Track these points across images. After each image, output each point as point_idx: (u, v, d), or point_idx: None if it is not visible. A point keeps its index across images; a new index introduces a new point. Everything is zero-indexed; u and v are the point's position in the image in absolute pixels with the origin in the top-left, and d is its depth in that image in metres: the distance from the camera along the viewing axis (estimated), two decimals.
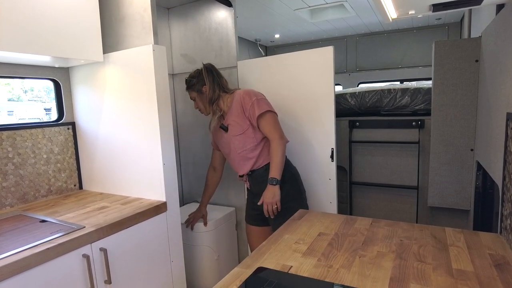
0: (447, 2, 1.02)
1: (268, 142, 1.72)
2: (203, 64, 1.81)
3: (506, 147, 1.11)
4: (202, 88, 1.77)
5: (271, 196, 1.64)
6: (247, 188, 1.89)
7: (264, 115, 1.67)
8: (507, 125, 1.12)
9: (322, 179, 1.93)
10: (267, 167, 1.72)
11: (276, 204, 1.64)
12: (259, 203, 1.69)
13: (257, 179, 1.77)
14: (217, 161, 2.01)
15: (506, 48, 1.27)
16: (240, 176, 1.84)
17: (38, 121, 1.87)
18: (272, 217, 1.68)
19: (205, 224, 2.05)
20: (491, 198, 1.74)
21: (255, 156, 1.73)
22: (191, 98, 1.84)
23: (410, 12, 1.16)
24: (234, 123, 1.72)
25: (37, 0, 1.33)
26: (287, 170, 1.73)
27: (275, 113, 1.71)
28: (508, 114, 1.13)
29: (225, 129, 1.77)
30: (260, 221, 1.85)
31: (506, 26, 1.27)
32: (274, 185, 1.64)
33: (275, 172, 1.64)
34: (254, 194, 1.82)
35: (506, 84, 1.23)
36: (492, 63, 1.57)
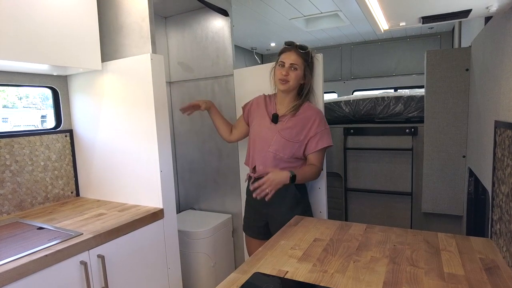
0: (435, 15, 1.07)
1: (300, 166, 1.64)
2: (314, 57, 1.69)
3: (494, 153, 1.15)
4: (310, 74, 1.66)
5: (278, 178, 1.43)
6: (246, 198, 1.80)
7: (322, 150, 1.62)
8: (495, 133, 1.16)
9: (311, 188, 1.86)
10: (283, 186, 1.50)
11: (270, 190, 1.43)
12: (262, 181, 1.44)
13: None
14: (237, 132, 1.84)
15: (493, 58, 1.31)
16: (250, 173, 1.70)
17: (33, 128, 1.88)
18: (257, 197, 1.47)
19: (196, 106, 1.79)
20: (483, 204, 1.77)
21: (281, 167, 1.61)
22: (293, 60, 1.59)
23: (401, 24, 1.20)
24: (293, 128, 1.61)
25: (36, 9, 1.35)
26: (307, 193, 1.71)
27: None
28: (496, 122, 1.17)
29: (275, 120, 1.64)
30: (262, 234, 1.73)
31: (493, 37, 1.31)
32: (290, 177, 1.45)
33: (300, 176, 1.51)
34: (257, 203, 1.64)
35: (494, 93, 1.27)
36: (481, 72, 1.62)
